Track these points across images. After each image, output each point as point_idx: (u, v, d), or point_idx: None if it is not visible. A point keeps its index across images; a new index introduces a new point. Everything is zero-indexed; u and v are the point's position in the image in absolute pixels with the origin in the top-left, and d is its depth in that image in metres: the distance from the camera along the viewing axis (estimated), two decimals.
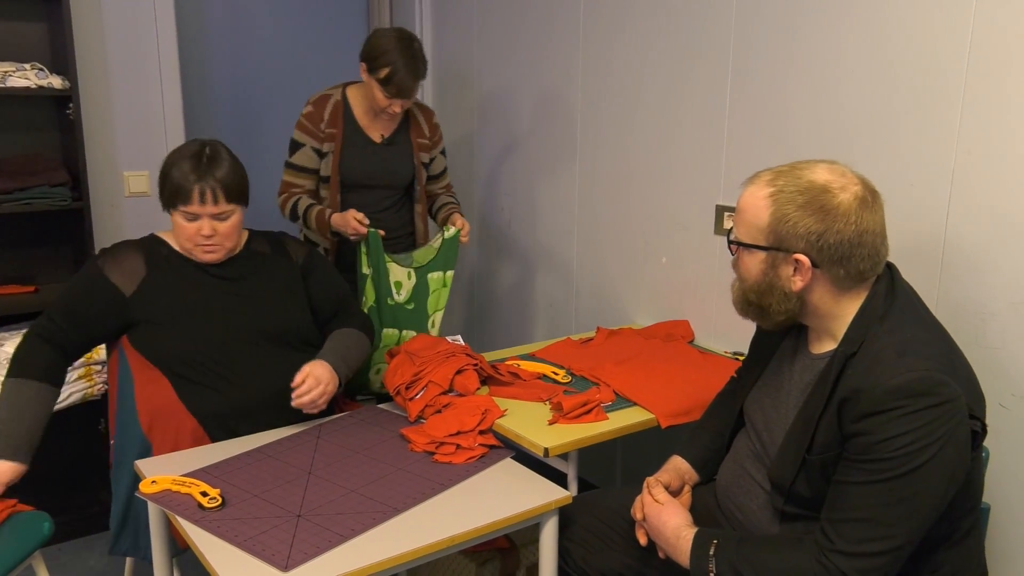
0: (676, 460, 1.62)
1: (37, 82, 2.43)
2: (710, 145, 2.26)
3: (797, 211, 1.26)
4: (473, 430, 1.72)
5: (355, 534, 1.40)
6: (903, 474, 1.17)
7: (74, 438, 2.67)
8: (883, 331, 1.25)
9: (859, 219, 1.24)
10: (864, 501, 1.21)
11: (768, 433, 1.43)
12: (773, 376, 1.47)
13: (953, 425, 1.18)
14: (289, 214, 2.47)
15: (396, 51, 2.28)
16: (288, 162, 2.47)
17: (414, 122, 2.56)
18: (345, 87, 2.50)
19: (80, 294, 1.84)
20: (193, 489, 1.53)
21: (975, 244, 1.69)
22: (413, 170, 2.56)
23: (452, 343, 2.01)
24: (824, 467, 1.28)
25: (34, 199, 2.47)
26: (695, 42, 2.26)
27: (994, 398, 1.65)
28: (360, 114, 2.48)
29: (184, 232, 1.85)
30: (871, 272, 1.29)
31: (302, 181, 2.46)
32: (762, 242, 1.30)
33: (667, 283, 2.48)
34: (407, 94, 2.34)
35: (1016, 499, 1.67)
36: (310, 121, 2.43)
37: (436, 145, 2.62)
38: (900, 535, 1.19)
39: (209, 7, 3.22)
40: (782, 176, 1.29)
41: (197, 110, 3.18)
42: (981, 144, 1.65)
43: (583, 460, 1.86)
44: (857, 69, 1.86)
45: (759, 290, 1.34)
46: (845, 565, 1.20)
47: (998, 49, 1.61)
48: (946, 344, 1.29)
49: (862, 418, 1.20)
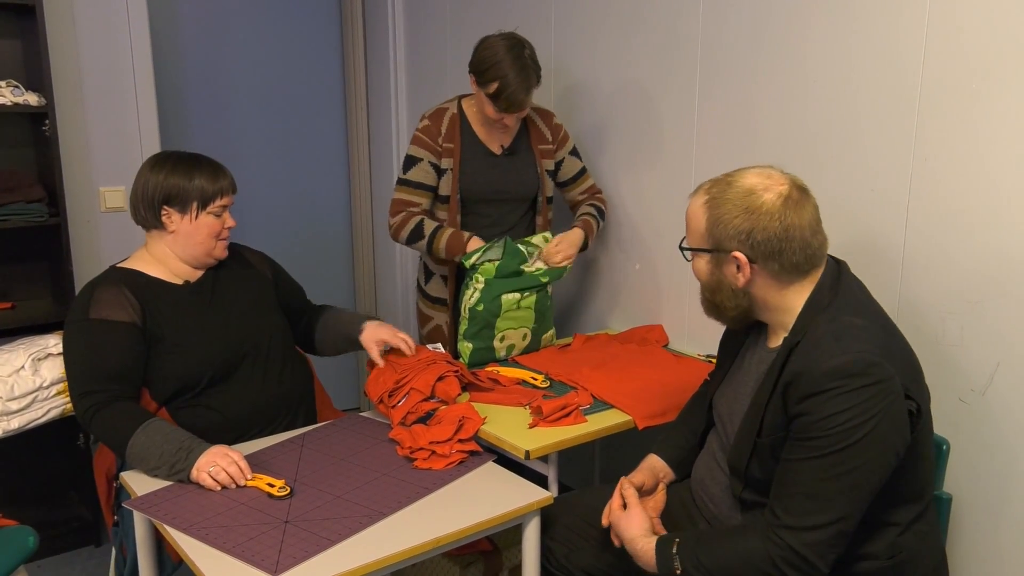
0: (652, 459, 1.68)
1: (13, 99, 2.44)
2: (680, 152, 2.33)
3: (727, 214, 1.37)
4: (451, 439, 1.75)
5: (342, 538, 1.43)
6: (841, 449, 1.26)
7: (53, 454, 2.66)
8: (824, 320, 1.34)
9: (783, 216, 1.34)
10: (806, 477, 1.29)
11: (731, 424, 1.51)
12: (736, 371, 1.56)
13: (888, 403, 1.26)
14: (408, 236, 2.29)
15: (506, 62, 2.13)
16: (402, 179, 2.32)
17: (533, 127, 2.41)
18: (460, 99, 2.38)
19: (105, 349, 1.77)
20: (260, 482, 1.60)
21: (933, 247, 1.76)
22: (538, 179, 2.42)
23: (433, 351, 2.05)
24: (773, 449, 1.36)
25: (11, 215, 2.48)
26: (664, 52, 2.32)
27: (954, 393, 1.73)
28: (477, 125, 2.35)
29: (211, 230, 1.87)
30: (807, 265, 1.38)
31: (419, 199, 2.31)
32: (705, 245, 1.42)
33: (641, 289, 2.53)
34: (518, 107, 2.19)
35: (976, 490, 1.74)
36: (427, 135, 2.30)
37: (561, 147, 2.44)
38: (840, 508, 1.27)
39: (183, 21, 3.24)
40: (716, 185, 1.41)
41: (172, 125, 3.19)
42: (937, 152, 1.73)
43: (562, 465, 1.90)
44: (820, 82, 1.94)
45: (711, 289, 1.45)
46: (792, 539, 1.28)
47: (950, 64, 1.69)
48: (883, 330, 1.37)
49: (803, 399, 1.29)
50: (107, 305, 1.80)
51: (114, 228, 2.88)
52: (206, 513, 1.52)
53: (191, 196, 1.84)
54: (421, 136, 2.30)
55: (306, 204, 3.61)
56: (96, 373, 1.75)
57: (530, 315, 2.27)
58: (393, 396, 1.91)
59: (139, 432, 1.66)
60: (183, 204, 1.84)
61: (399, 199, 2.32)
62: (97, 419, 1.72)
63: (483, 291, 2.21)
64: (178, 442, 1.65)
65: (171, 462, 1.64)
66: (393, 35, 3.36)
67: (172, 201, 1.84)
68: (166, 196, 1.84)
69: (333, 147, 3.64)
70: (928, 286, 1.77)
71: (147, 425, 1.68)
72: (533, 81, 2.18)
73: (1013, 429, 1.67)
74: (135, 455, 1.67)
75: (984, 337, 1.69)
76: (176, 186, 1.83)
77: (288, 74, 3.47)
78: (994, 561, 1.73)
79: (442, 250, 2.26)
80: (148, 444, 1.66)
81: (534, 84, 2.19)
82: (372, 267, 3.70)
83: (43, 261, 2.75)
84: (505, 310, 2.22)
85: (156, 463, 1.64)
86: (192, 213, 1.85)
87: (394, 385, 1.92)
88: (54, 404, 2.37)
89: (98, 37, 2.79)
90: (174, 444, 1.65)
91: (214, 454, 1.64)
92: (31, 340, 2.42)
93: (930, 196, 1.76)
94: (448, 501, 1.57)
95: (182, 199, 1.84)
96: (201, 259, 1.92)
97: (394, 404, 1.89)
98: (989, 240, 1.66)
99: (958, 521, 1.76)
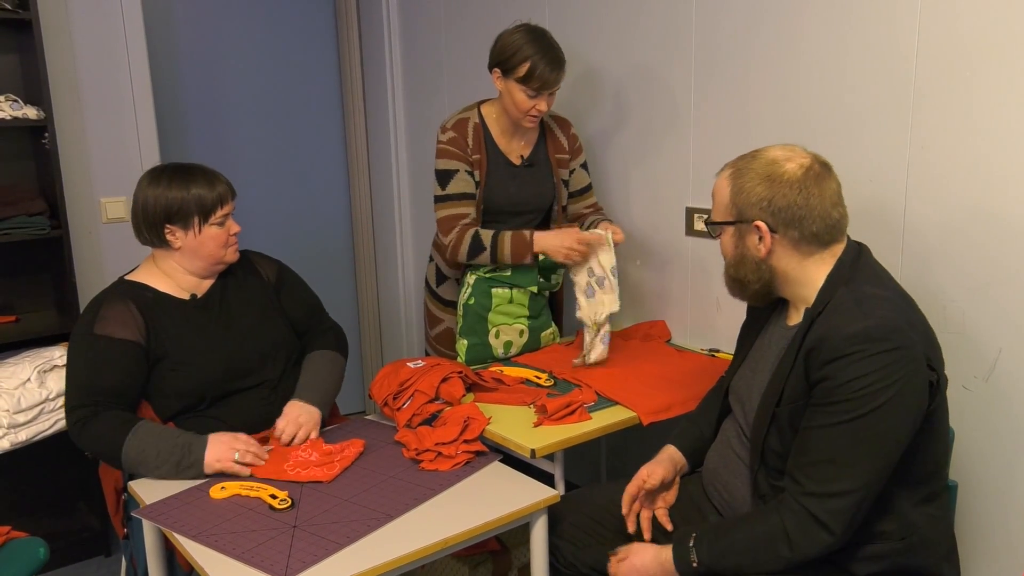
0: (671, 450, 1.69)
1: (12, 113, 2.45)
2: (678, 148, 2.33)
3: (749, 183, 1.41)
4: (456, 440, 1.75)
5: (350, 541, 1.44)
6: (863, 414, 1.26)
7: (61, 465, 2.67)
8: (846, 291, 1.36)
9: (803, 185, 1.38)
10: (828, 443, 1.29)
11: (749, 401, 1.52)
12: (754, 353, 1.57)
13: (910, 370, 1.27)
14: (468, 251, 2.18)
15: (530, 44, 2.11)
16: (443, 195, 2.22)
17: (551, 136, 2.37)
18: (479, 107, 2.31)
19: (106, 366, 1.77)
20: (262, 492, 1.59)
21: (932, 234, 1.76)
22: (555, 190, 2.37)
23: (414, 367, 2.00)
24: (792, 418, 1.37)
25: (13, 229, 2.48)
26: (659, 48, 2.33)
27: (958, 380, 1.73)
28: (497, 135, 2.29)
29: (218, 240, 1.88)
30: (826, 235, 1.39)
31: (466, 210, 2.21)
32: (728, 218, 1.45)
33: (642, 285, 2.54)
34: (551, 85, 2.14)
35: (981, 477, 1.74)
36: (456, 146, 2.22)
37: (575, 157, 2.40)
38: (863, 474, 1.28)
39: (179, 31, 3.25)
40: (742, 159, 1.46)
41: (171, 134, 3.20)
42: (934, 140, 1.73)
43: (568, 463, 1.91)
44: (815, 72, 1.94)
45: (735, 263, 1.47)
46: (815, 506, 1.29)
47: (944, 52, 1.69)
48: (905, 302, 1.38)
49: (825, 364, 1.29)
50: (112, 322, 1.80)
51: (116, 239, 2.88)
52: (214, 520, 1.52)
53: (191, 210, 1.83)
54: (450, 148, 2.23)
55: (306, 210, 3.62)
56: (91, 388, 1.76)
57: (523, 309, 2.28)
58: (398, 399, 1.92)
59: (129, 438, 1.68)
60: (185, 220, 1.84)
61: (447, 216, 2.22)
62: (85, 433, 1.73)
63: (474, 285, 2.25)
64: (172, 439, 1.68)
65: (173, 460, 1.66)
66: (389, 39, 3.36)
67: (174, 219, 1.83)
68: (167, 214, 1.83)
69: (331, 152, 3.64)
70: (929, 274, 1.78)
71: (136, 430, 1.69)
72: (562, 59, 2.14)
73: (1018, 415, 1.67)
74: (131, 460, 1.68)
75: (986, 324, 1.69)
76: (175, 201, 1.82)
77: (285, 81, 3.48)
78: (1002, 548, 1.73)
79: (508, 256, 2.17)
80: (142, 447, 1.67)
81: (563, 63, 2.15)
82: (374, 271, 3.71)
83: (46, 273, 2.76)
84: (496, 304, 2.24)
85: (156, 463, 1.66)
86: (195, 228, 1.85)
87: (398, 387, 1.92)
88: (60, 416, 2.38)
89: (95, 49, 2.80)
90: (168, 442, 1.68)
91: (223, 443, 1.68)
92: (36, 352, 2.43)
93: (928, 185, 1.76)
94: (455, 502, 1.58)
95: (183, 215, 1.83)
96: (210, 268, 1.92)
97: (399, 406, 1.90)
98: (989, 227, 1.67)
99: (964, 509, 1.76)
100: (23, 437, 2.26)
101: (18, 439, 2.25)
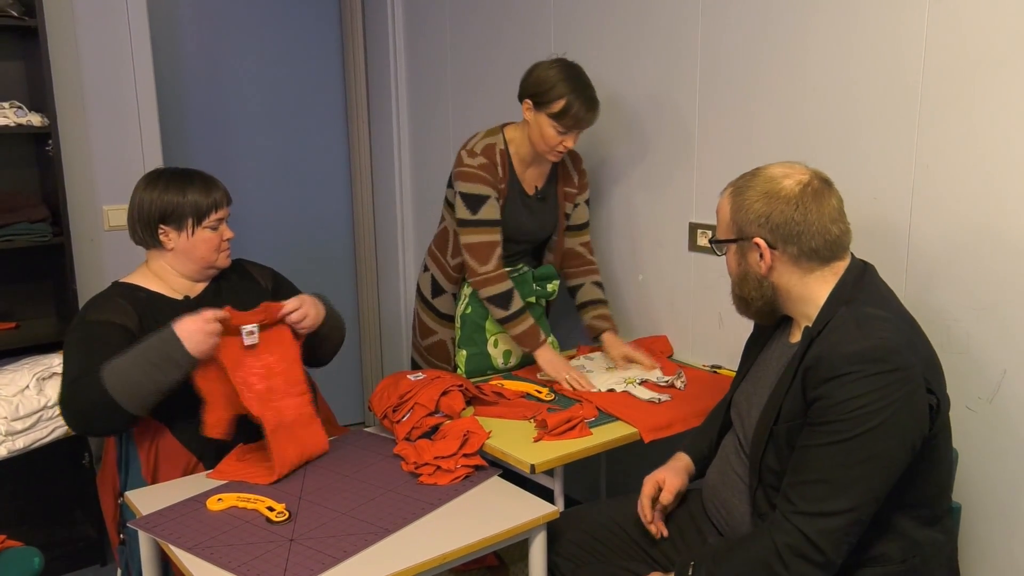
0: (684, 458, 1.69)
1: (16, 120, 2.45)
2: (681, 164, 2.33)
3: (748, 200, 1.42)
4: (455, 454, 1.74)
5: (347, 556, 1.42)
6: (857, 435, 1.25)
7: (58, 473, 2.66)
8: (847, 311, 1.35)
9: (800, 201, 1.38)
10: (822, 463, 1.28)
11: (748, 417, 1.51)
12: (757, 367, 1.57)
13: (907, 392, 1.26)
14: (493, 297, 2.17)
15: (566, 82, 2.09)
16: (475, 220, 2.17)
17: (563, 171, 2.37)
18: (503, 130, 2.27)
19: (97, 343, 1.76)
20: (259, 505, 1.58)
21: (937, 254, 1.76)
22: (557, 222, 2.38)
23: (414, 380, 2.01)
24: (789, 436, 1.36)
25: (15, 236, 2.48)
26: (664, 62, 2.33)
27: (961, 401, 1.72)
28: (517, 163, 2.27)
29: (211, 244, 1.89)
30: (826, 251, 1.39)
31: (497, 236, 2.19)
32: (730, 235, 1.46)
33: (645, 300, 2.53)
34: (584, 124, 2.14)
35: (985, 499, 1.73)
36: (488, 172, 2.19)
37: (582, 192, 2.40)
38: (856, 496, 1.26)
39: (184, 38, 3.26)
40: (743, 178, 1.47)
41: (174, 143, 3.20)
42: (939, 158, 1.73)
43: (568, 478, 1.89)
44: (819, 90, 1.94)
45: (739, 281, 1.48)
46: (806, 526, 1.27)
47: (948, 71, 1.69)
48: (907, 324, 1.38)
49: (821, 383, 1.29)
50: (104, 309, 1.82)
51: (118, 246, 2.88)
52: (211, 532, 1.51)
53: (186, 212, 1.86)
54: (482, 174, 2.19)
55: (309, 216, 3.62)
56: (85, 368, 1.73)
57: None
58: (397, 411, 1.91)
59: (105, 372, 1.67)
60: (179, 221, 1.86)
61: (482, 243, 2.18)
62: (71, 408, 1.71)
63: (471, 296, 2.27)
64: (140, 350, 1.68)
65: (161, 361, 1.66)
66: (393, 47, 3.37)
67: (168, 219, 1.86)
68: (161, 215, 1.85)
69: (334, 159, 3.65)
70: (933, 294, 1.77)
71: (105, 366, 1.68)
72: (596, 100, 2.13)
73: (1022, 436, 1.66)
74: (120, 389, 1.66)
75: (990, 344, 1.68)
76: (170, 203, 1.85)
77: (289, 87, 3.48)
78: (1007, 570, 1.72)
79: (514, 335, 2.19)
80: (121, 372, 1.66)
81: (597, 102, 2.14)
82: (375, 279, 3.70)
83: (47, 280, 2.75)
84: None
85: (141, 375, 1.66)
86: (188, 229, 1.87)
87: (398, 400, 1.91)
88: (59, 424, 2.37)
89: (100, 57, 2.80)
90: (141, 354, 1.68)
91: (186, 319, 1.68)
92: (35, 360, 2.42)
93: (933, 204, 1.75)
94: (454, 516, 1.57)
95: (177, 216, 1.85)
96: (202, 272, 1.93)
97: (398, 419, 1.89)
98: (994, 247, 1.66)
99: (968, 531, 1.74)
100: (20, 445, 2.26)
101: (15, 447, 2.24)
